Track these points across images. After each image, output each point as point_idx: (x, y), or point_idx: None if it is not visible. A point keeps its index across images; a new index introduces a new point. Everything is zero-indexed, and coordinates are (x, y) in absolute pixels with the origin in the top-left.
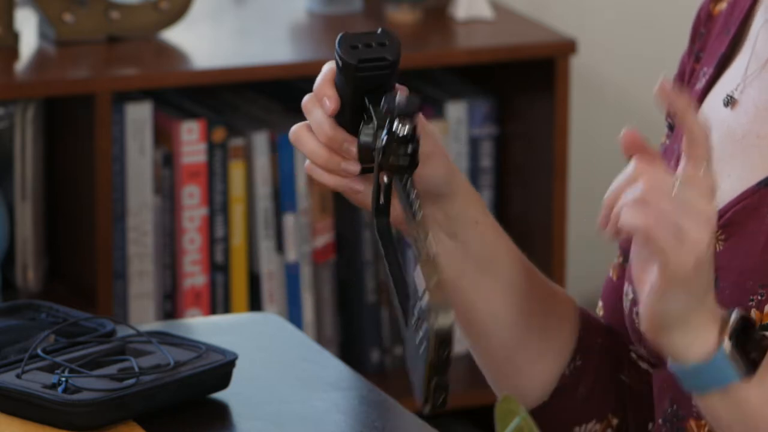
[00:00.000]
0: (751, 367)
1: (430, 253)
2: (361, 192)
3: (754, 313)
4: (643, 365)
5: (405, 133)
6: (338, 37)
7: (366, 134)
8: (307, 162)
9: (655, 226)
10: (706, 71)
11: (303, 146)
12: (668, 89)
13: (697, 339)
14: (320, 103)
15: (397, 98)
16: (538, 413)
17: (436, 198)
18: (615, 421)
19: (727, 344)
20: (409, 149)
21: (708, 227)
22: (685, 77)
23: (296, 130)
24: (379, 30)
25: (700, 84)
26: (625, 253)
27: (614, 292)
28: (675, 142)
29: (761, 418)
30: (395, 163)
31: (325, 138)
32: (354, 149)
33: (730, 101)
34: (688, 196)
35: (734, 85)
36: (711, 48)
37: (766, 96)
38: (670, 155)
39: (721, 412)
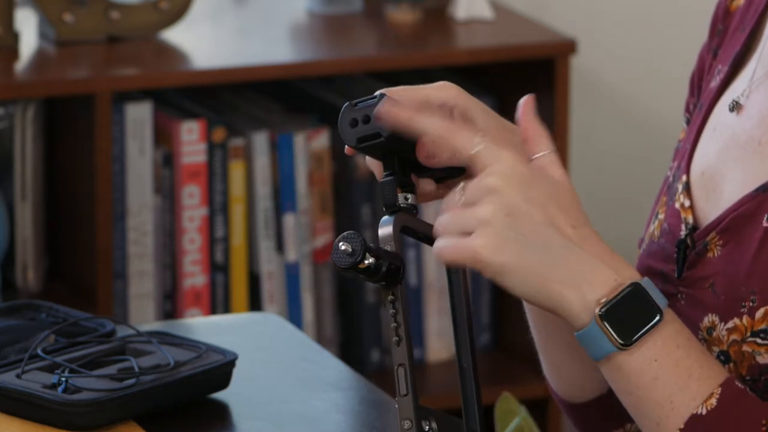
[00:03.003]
0: (624, 337)
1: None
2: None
3: (745, 320)
4: None
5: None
6: (341, 110)
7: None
8: None
9: (438, 250)
10: (721, 68)
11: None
12: (387, 111)
13: (573, 308)
14: None
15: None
16: (591, 405)
17: None
18: None
19: (597, 316)
20: (376, 277)
21: (489, 202)
22: (704, 73)
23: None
24: (377, 95)
25: (715, 82)
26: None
27: None
28: (686, 141)
29: (638, 386)
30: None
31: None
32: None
33: (735, 106)
34: (468, 196)
35: (741, 89)
36: (727, 45)
37: None
38: (683, 153)
39: (608, 377)
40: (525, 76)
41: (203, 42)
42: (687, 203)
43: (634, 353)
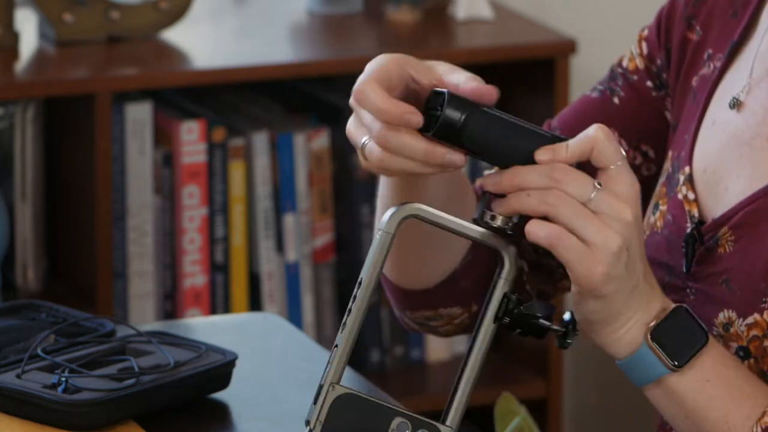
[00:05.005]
0: (677, 358)
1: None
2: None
3: (767, 316)
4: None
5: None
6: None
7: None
8: (369, 146)
9: (557, 240)
10: (712, 54)
11: (369, 102)
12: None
13: (624, 336)
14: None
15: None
16: (414, 294)
17: None
18: (474, 308)
19: (648, 339)
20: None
21: (621, 233)
22: (673, 29)
23: (363, 86)
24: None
25: (707, 69)
26: None
27: None
28: (686, 132)
29: (694, 408)
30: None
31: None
32: (414, 118)
33: (736, 104)
34: (603, 204)
35: (740, 85)
36: (714, 26)
37: None
38: (682, 145)
39: (659, 402)
40: (525, 76)
41: (203, 42)
42: (691, 196)
43: (687, 374)
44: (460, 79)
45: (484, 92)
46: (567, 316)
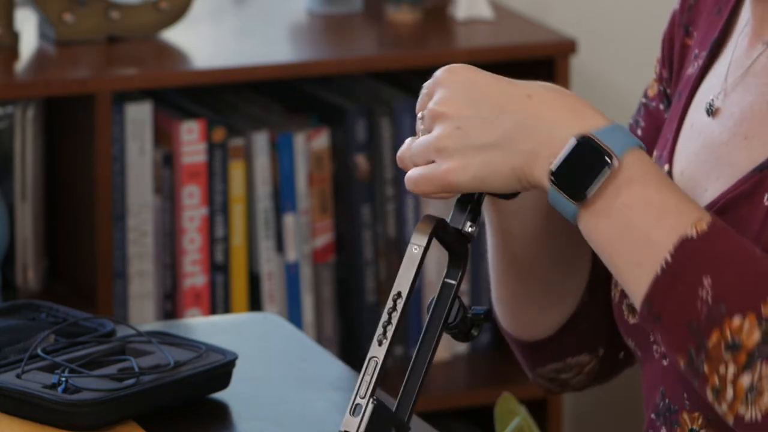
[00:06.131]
0: (579, 191)
1: None
2: None
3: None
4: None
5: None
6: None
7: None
8: None
9: (419, 185)
10: (698, 54)
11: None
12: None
13: (539, 176)
14: None
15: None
16: (537, 346)
17: None
18: (602, 352)
19: (549, 179)
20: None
21: (439, 133)
22: (674, 42)
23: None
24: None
25: (693, 69)
26: None
27: None
28: (668, 131)
29: (612, 235)
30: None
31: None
32: None
33: (711, 111)
34: (424, 126)
35: (717, 90)
36: (701, 26)
37: (750, 99)
38: (664, 143)
39: (588, 239)
40: (525, 76)
41: (203, 42)
42: None
43: (597, 203)
44: None
45: None
46: (478, 309)
